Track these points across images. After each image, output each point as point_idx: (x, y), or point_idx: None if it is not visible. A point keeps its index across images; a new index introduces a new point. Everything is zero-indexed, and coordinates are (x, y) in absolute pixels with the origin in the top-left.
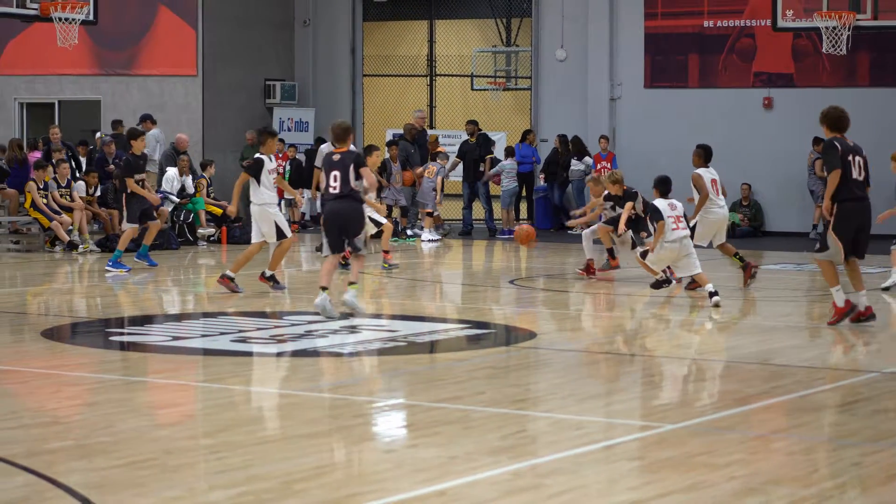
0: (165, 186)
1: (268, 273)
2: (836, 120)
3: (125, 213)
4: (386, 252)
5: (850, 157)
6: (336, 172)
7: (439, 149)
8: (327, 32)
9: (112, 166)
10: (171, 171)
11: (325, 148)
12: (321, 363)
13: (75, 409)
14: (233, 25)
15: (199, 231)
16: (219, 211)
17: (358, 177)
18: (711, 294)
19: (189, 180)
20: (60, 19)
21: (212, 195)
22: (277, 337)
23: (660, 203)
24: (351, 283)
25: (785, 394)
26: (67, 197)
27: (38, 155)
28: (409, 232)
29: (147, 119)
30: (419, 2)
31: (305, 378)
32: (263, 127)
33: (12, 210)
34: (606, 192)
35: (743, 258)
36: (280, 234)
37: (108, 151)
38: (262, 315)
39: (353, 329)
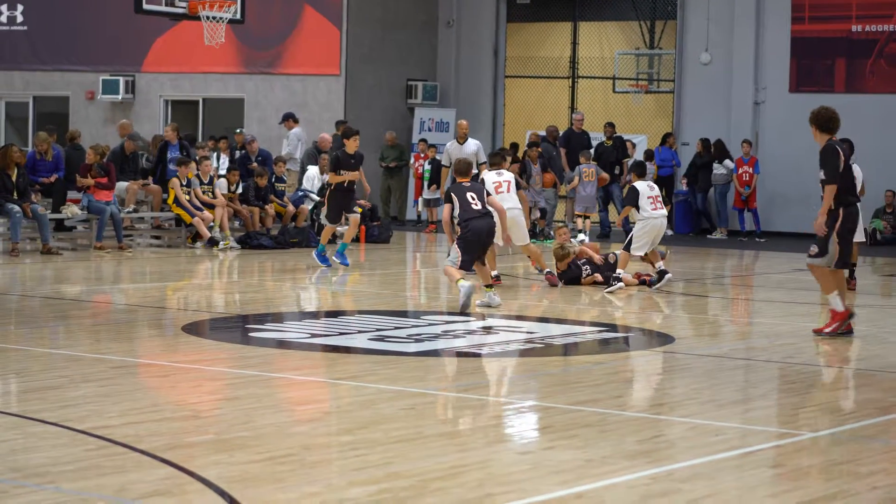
0: (306, 185)
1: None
2: (827, 121)
3: (326, 209)
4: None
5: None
6: (473, 194)
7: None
8: (470, 33)
9: (254, 164)
10: (312, 170)
11: (451, 146)
12: (458, 363)
13: (215, 404)
14: (377, 26)
15: (339, 229)
16: (358, 209)
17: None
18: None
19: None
20: (208, 18)
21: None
22: (415, 336)
23: (639, 185)
24: (487, 286)
25: None
26: (210, 194)
27: None
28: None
29: (290, 118)
30: (563, 3)
31: (442, 378)
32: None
33: (155, 206)
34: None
35: None
36: None
37: (251, 149)
38: (401, 314)
39: (490, 330)
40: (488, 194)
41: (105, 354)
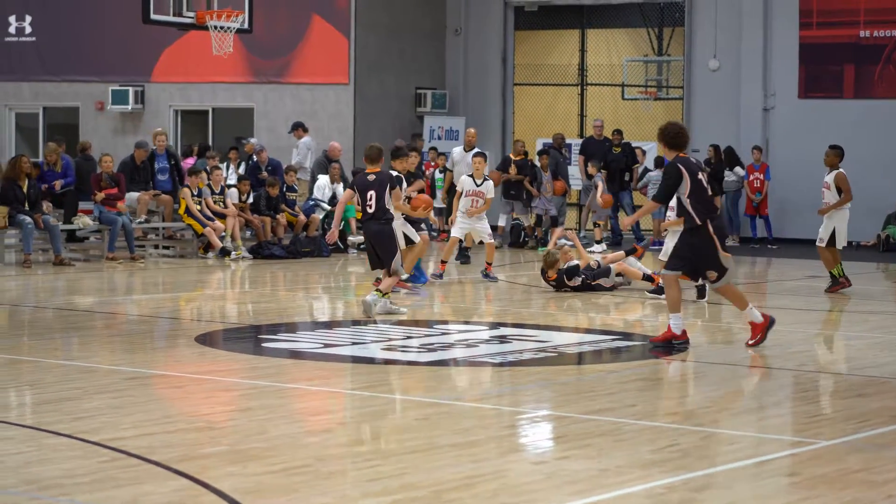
0: (317, 194)
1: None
2: (675, 136)
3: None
4: (489, 264)
5: (701, 175)
6: (372, 192)
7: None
8: (478, 41)
9: (265, 173)
10: (323, 179)
11: (457, 152)
12: (471, 373)
13: (229, 415)
14: (385, 34)
15: (350, 238)
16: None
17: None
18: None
19: (340, 188)
20: (216, 28)
21: None
22: (427, 346)
23: None
24: (378, 290)
25: None
26: (221, 203)
27: (192, 161)
28: (561, 242)
29: (299, 127)
30: (570, 11)
31: (455, 387)
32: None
33: (167, 216)
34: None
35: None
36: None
37: (261, 159)
38: (412, 324)
39: (503, 339)
40: (392, 188)
41: (118, 366)
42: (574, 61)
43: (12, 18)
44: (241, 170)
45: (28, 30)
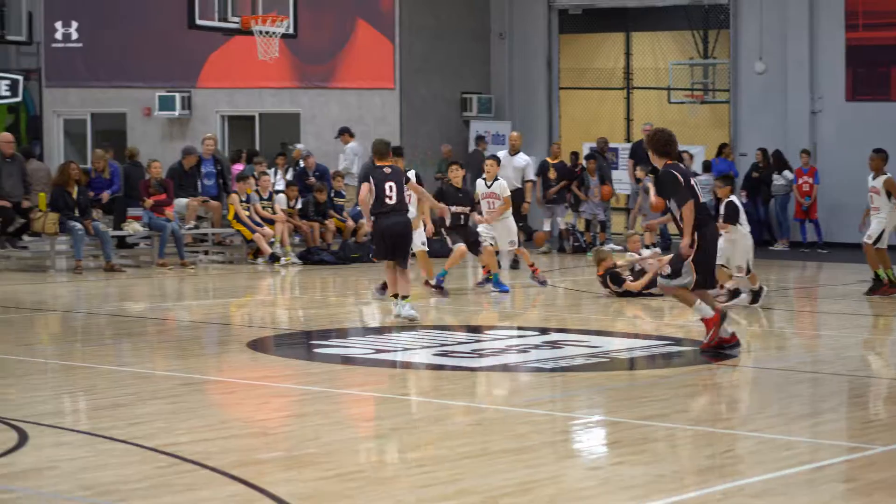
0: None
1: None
2: (665, 143)
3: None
4: (533, 267)
5: (693, 182)
6: (391, 184)
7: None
8: (523, 45)
9: (312, 179)
10: None
11: (502, 157)
12: (523, 378)
13: (283, 420)
14: (430, 38)
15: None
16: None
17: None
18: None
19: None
20: (261, 33)
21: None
22: (479, 351)
23: (735, 200)
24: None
25: None
26: (269, 209)
27: (240, 167)
28: (609, 246)
29: (345, 132)
30: (615, 14)
31: (508, 393)
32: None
33: (216, 222)
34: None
35: None
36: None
37: (308, 164)
38: (464, 329)
39: (554, 344)
40: (408, 181)
41: (172, 371)
42: (619, 65)
43: (59, 25)
44: (289, 175)
45: (75, 36)
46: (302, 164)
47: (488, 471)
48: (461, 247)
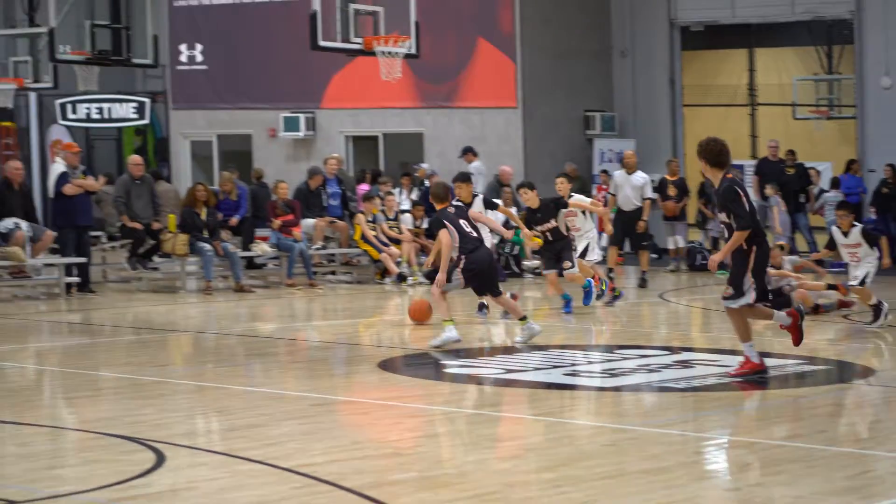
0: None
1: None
2: (718, 154)
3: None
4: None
5: (748, 198)
6: (464, 221)
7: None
8: (645, 62)
9: None
10: None
11: (619, 176)
12: (655, 398)
13: (416, 441)
14: (551, 57)
15: (525, 263)
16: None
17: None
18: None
19: (513, 212)
20: (384, 53)
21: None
22: (610, 371)
23: None
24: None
25: None
26: (396, 229)
27: (365, 187)
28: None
29: (469, 151)
30: (737, 30)
31: (641, 413)
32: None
33: (343, 242)
34: None
35: None
36: None
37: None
38: (594, 348)
39: (685, 364)
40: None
41: (304, 392)
42: (743, 81)
43: (183, 47)
44: (414, 195)
45: (199, 58)
46: (427, 183)
47: (624, 492)
48: (551, 275)
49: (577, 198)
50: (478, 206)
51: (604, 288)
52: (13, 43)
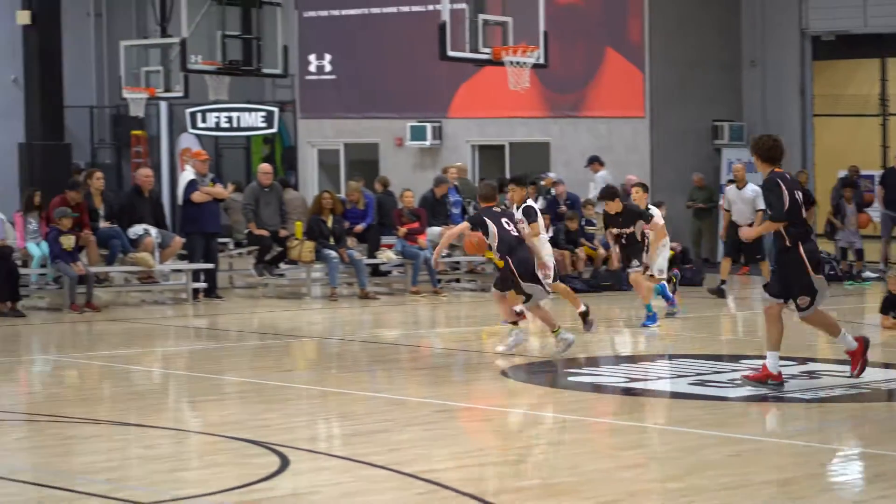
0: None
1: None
2: (769, 149)
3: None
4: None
5: (797, 193)
6: (507, 219)
7: None
8: (775, 72)
9: (563, 207)
10: None
11: (730, 191)
12: (782, 408)
13: (539, 448)
14: (680, 66)
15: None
16: (671, 252)
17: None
18: None
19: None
20: (512, 63)
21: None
22: (735, 381)
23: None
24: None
25: None
26: None
27: None
28: (865, 274)
29: (595, 161)
30: (869, 40)
31: (767, 423)
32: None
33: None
34: None
35: None
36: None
37: (559, 193)
38: (719, 358)
39: (812, 374)
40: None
41: (427, 398)
42: (874, 91)
43: (312, 57)
44: (540, 204)
45: (328, 68)
46: (553, 192)
47: (750, 503)
48: (637, 278)
49: (656, 215)
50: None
51: (675, 309)
52: (145, 53)
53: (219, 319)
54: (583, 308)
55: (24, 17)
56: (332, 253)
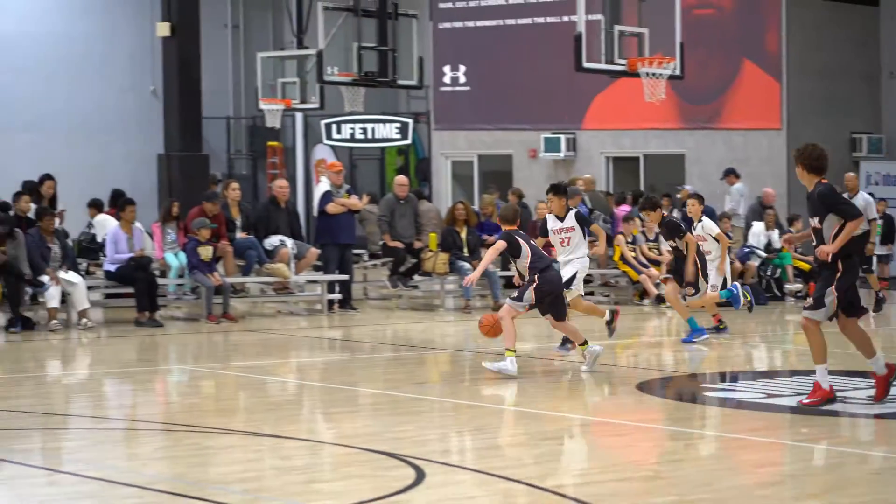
0: (752, 241)
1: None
2: (816, 159)
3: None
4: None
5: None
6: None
7: None
8: None
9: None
10: (758, 226)
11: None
12: None
13: (674, 464)
14: (817, 77)
15: (787, 286)
16: (807, 266)
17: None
18: None
19: (775, 235)
20: (648, 74)
21: (799, 250)
22: (872, 397)
23: None
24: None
25: None
26: (655, 250)
27: (626, 209)
28: None
29: (731, 173)
30: None
31: None
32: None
33: (602, 263)
34: None
35: None
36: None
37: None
38: (856, 374)
39: None
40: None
41: (560, 412)
42: None
43: (447, 69)
44: (675, 216)
45: (462, 80)
46: (687, 205)
47: None
48: (670, 291)
49: (707, 225)
50: (570, 221)
51: (722, 327)
52: (281, 65)
53: (353, 331)
54: (608, 317)
55: (163, 30)
56: (466, 265)
